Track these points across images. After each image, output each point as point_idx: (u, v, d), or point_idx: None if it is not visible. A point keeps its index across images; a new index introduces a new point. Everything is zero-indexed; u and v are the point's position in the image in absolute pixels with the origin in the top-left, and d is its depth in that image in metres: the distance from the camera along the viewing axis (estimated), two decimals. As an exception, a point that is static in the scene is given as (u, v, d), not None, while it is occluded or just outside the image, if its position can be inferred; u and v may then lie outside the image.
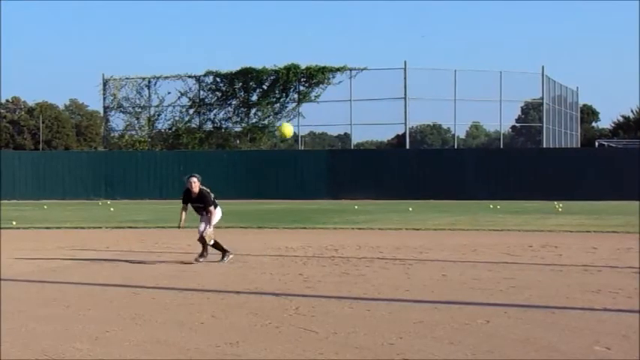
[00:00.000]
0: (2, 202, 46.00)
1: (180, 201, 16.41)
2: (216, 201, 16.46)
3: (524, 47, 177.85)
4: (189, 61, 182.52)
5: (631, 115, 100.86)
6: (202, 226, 15.97)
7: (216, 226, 16.32)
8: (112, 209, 35.35)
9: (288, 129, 9.82)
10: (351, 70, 55.98)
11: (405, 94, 54.40)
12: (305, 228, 25.45)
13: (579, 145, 72.19)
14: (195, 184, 16.00)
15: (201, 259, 15.90)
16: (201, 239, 15.99)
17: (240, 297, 11.70)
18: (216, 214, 16.32)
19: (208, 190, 16.23)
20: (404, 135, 57.13)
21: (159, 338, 8.79)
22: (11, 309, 10.76)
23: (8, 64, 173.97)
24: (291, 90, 57.42)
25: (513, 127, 71.70)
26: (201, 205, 16.10)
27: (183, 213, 16.27)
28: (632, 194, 42.40)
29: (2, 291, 12.43)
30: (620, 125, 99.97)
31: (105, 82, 60.50)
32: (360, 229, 25.05)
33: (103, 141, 67.06)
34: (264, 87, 57.99)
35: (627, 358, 7.89)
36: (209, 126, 59.50)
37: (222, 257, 16.05)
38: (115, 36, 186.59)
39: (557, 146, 61.00)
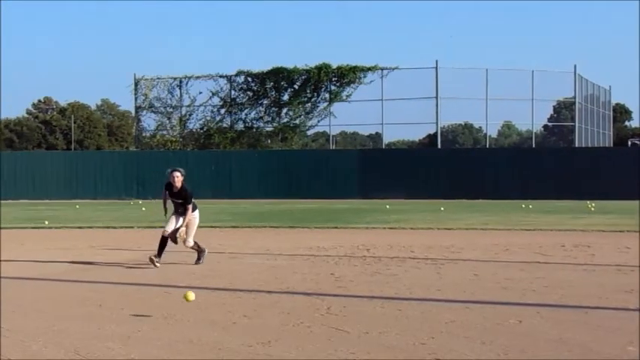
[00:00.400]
0: (35, 201, 46.35)
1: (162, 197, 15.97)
2: (197, 203, 16.05)
3: (557, 46, 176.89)
4: (220, 60, 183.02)
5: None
6: (171, 225, 15.59)
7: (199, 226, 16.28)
8: (143, 209, 35.49)
9: (190, 296, 10.22)
10: (382, 69, 55.82)
11: (437, 94, 54.20)
12: (336, 227, 25.44)
13: (612, 145, 71.62)
14: (178, 179, 15.55)
15: (158, 264, 15.29)
16: (171, 238, 15.65)
17: (271, 297, 11.71)
18: (195, 218, 15.89)
19: (190, 190, 15.74)
20: (435, 134, 56.93)
21: (191, 338, 8.81)
22: (44, 308, 10.84)
23: (40, 65, 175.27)
24: (323, 89, 57.35)
25: (545, 127, 71.29)
26: (179, 201, 15.58)
27: (168, 202, 15.82)
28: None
29: (34, 290, 12.55)
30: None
31: (136, 82, 60.69)
32: (391, 228, 25.01)
33: (134, 141, 67.34)
34: (296, 86, 57.95)
35: (661, 358, 7.83)
36: (240, 126, 59.53)
37: (200, 259, 15.88)
38: (147, 36, 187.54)
39: (589, 145, 60.55)
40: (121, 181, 49.97)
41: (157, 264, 15.22)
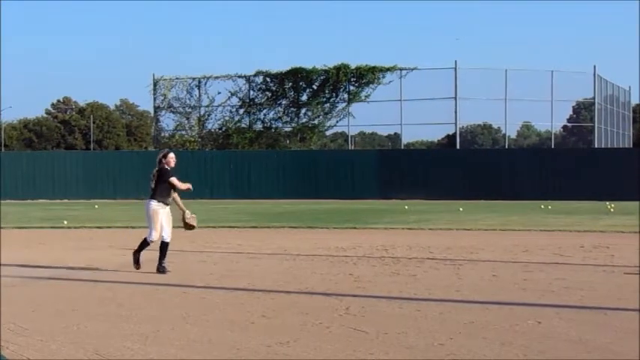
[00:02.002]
0: (55, 201, 46.57)
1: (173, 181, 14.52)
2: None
3: (576, 46, 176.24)
4: (239, 61, 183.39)
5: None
6: (168, 229, 14.48)
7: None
8: (162, 209, 35.59)
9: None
10: (401, 69, 55.79)
11: (456, 94, 54.14)
12: (355, 228, 25.43)
13: (631, 146, 71.31)
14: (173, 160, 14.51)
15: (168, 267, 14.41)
16: (185, 227, 15.14)
17: (290, 297, 11.72)
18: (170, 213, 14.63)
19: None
20: (454, 135, 56.87)
21: (210, 337, 8.83)
22: (63, 308, 10.88)
23: (59, 65, 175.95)
24: (341, 90, 57.36)
25: (565, 127, 71.12)
26: (167, 184, 14.45)
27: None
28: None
29: (53, 290, 12.60)
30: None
31: (155, 82, 60.86)
32: (410, 229, 24.98)
33: (153, 141, 67.54)
34: (314, 87, 57.98)
35: (682, 360, 7.79)
36: (259, 126, 59.60)
37: (137, 261, 14.62)
38: (166, 36, 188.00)
39: (609, 146, 60.36)
40: (140, 181, 50.01)
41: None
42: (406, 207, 36.99)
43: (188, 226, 15.23)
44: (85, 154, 63.98)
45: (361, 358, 7.92)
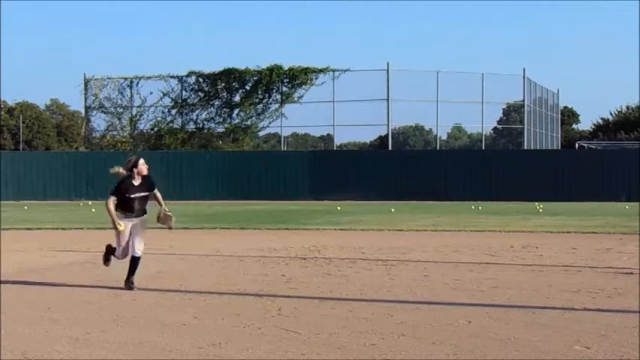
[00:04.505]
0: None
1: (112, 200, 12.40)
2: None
3: (506, 49, 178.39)
4: (171, 61, 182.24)
5: (610, 118, 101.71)
6: (139, 242, 12.64)
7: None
8: (93, 210, 35.19)
9: None
10: (334, 71, 55.95)
11: (388, 96, 54.44)
12: (287, 229, 25.44)
13: (560, 147, 72.42)
14: (145, 166, 12.75)
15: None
16: (163, 222, 13.36)
17: (222, 298, 11.69)
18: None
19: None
20: (386, 136, 57.17)
21: (141, 340, 8.77)
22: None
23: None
24: (274, 91, 57.35)
25: (495, 129, 71.87)
26: (144, 194, 12.74)
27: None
28: (611, 195, 42.85)
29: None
30: (599, 127, 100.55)
31: (86, 82, 60.21)
32: (342, 229, 25.06)
33: (84, 141, 66.79)
34: (247, 88, 57.89)
35: (607, 357, 7.94)
36: (191, 126, 59.31)
37: (108, 260, 12.99)
38: (97, 35, 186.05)
39: (538, 148, 61.20)
40: (70, 182, 49.55)
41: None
42: (338, 208, 37.10)
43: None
44: (14, 154, 63.03)
45: (293, 358, 7.94)
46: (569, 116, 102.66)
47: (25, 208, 39.41)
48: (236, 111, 58.23)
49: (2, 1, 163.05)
